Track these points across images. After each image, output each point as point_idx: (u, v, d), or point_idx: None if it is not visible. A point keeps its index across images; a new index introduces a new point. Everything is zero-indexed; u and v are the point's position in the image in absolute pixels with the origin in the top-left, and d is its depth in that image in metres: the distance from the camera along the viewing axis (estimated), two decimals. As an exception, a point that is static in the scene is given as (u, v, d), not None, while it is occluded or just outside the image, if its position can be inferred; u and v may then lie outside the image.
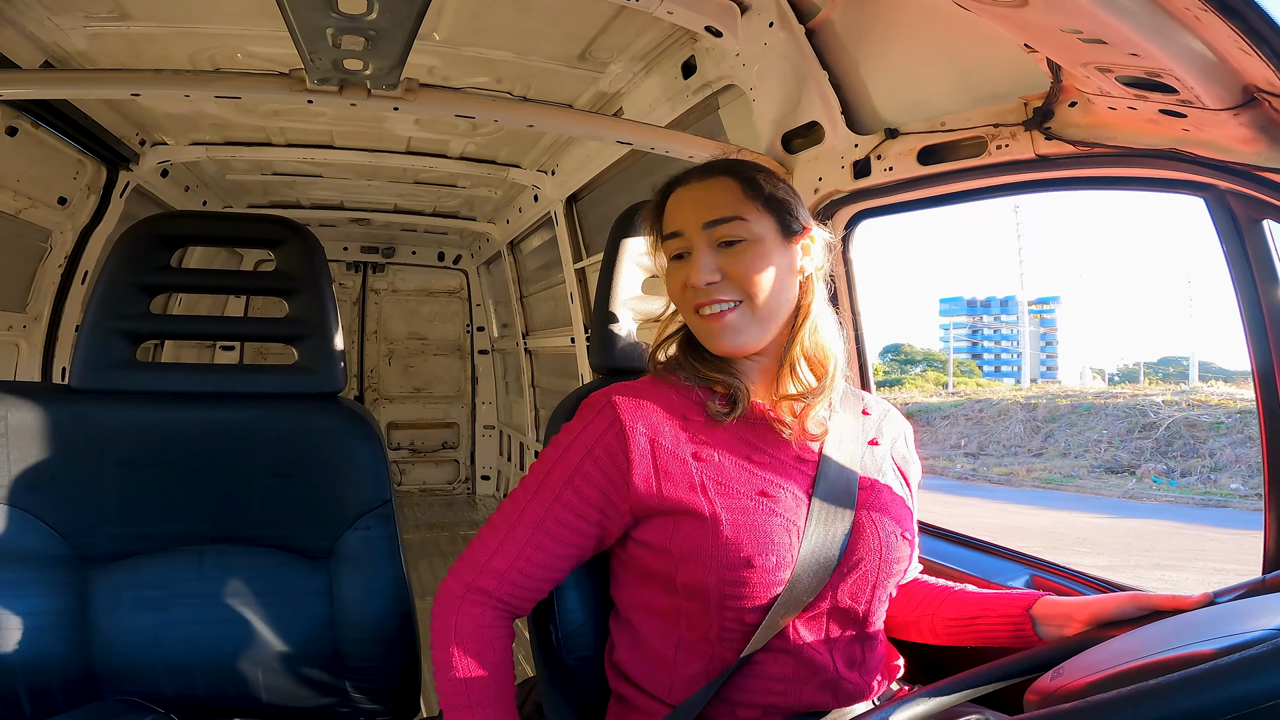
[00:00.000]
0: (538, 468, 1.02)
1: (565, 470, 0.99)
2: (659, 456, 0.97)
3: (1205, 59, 0.88)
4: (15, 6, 1.90)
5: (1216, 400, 18.61)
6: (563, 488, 0.99)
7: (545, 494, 1.00)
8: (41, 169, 2.59)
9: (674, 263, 1.05)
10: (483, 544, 1.01)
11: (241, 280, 1.47)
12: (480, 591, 0.99)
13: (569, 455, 1.00)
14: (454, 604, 1.00)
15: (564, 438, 1.02)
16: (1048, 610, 1.01)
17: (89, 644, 1.13)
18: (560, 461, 1.00)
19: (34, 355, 2.90)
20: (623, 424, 0.98)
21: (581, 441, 1.00)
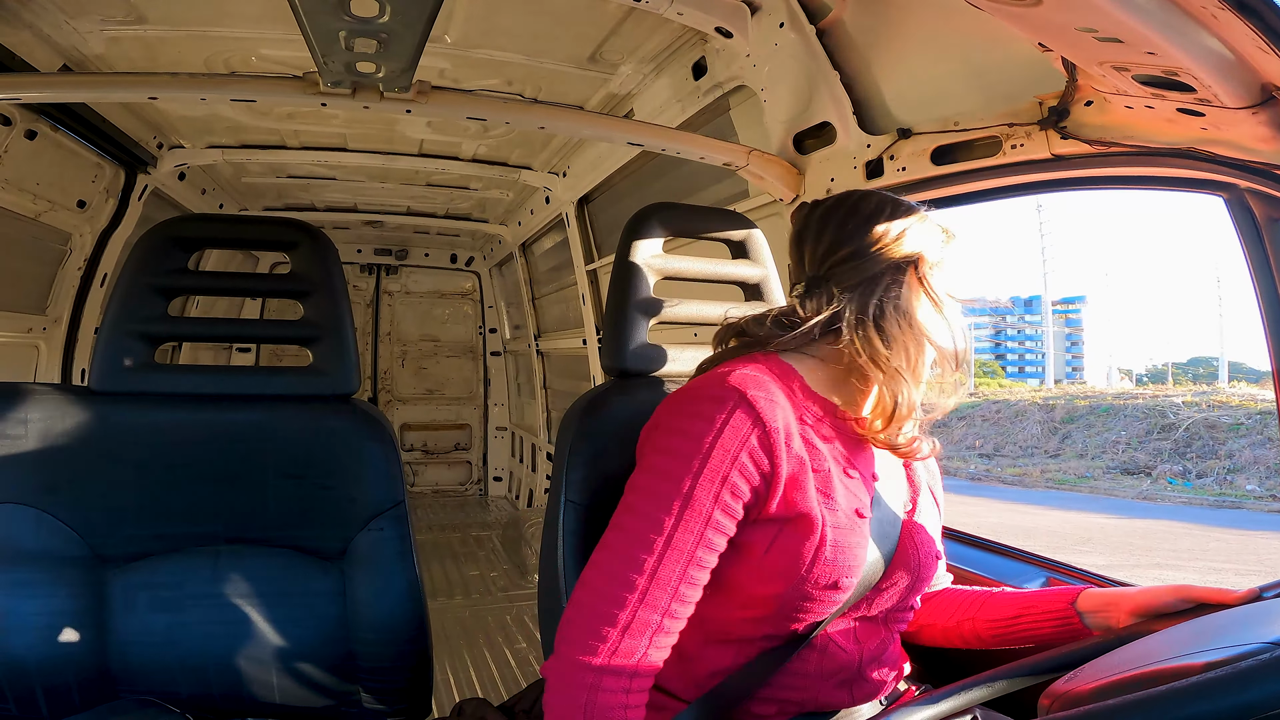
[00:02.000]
0: (666, 488, 0.85)
1: (711, 486, 0.84)
2: (792, 460, 0.87)
3: (1223, 57, 0.87)
4: (32, 10, 1.93)
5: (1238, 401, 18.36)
6: (713, 509, 0.85)
7: (692, 521, 0.84)
8: (60, 172, 2.63)
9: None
10: (612, 603, 0.84)
11: (257, 283, 1.48)
12: (617, 675, 0.84)
13: (711, 467, 0.85)
14: (581, 694, 0.83)
15: (692, 445, 0.86)
16: (1093, 602, 1.00)
17: (105, 643, 1.15)
18: (702, 477, 0.84)
19: (54, 357, 2.94)
20: (765, 425, 0.86)
21: (723, 449, 0.85)
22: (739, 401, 0.86)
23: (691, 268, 1.31)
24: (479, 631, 3.40)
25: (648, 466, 0.89)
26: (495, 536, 5.03)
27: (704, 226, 1.34)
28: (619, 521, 0.88)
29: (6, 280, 2.67)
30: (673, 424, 0.89)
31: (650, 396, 1.21)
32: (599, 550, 0.88)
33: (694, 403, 0.89)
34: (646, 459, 0.91)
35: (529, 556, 4.24)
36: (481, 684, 2.87)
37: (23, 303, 2.81)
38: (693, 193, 2.78)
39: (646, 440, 0.93)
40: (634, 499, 0.88)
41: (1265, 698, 0.53)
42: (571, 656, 0.84)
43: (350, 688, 1.24)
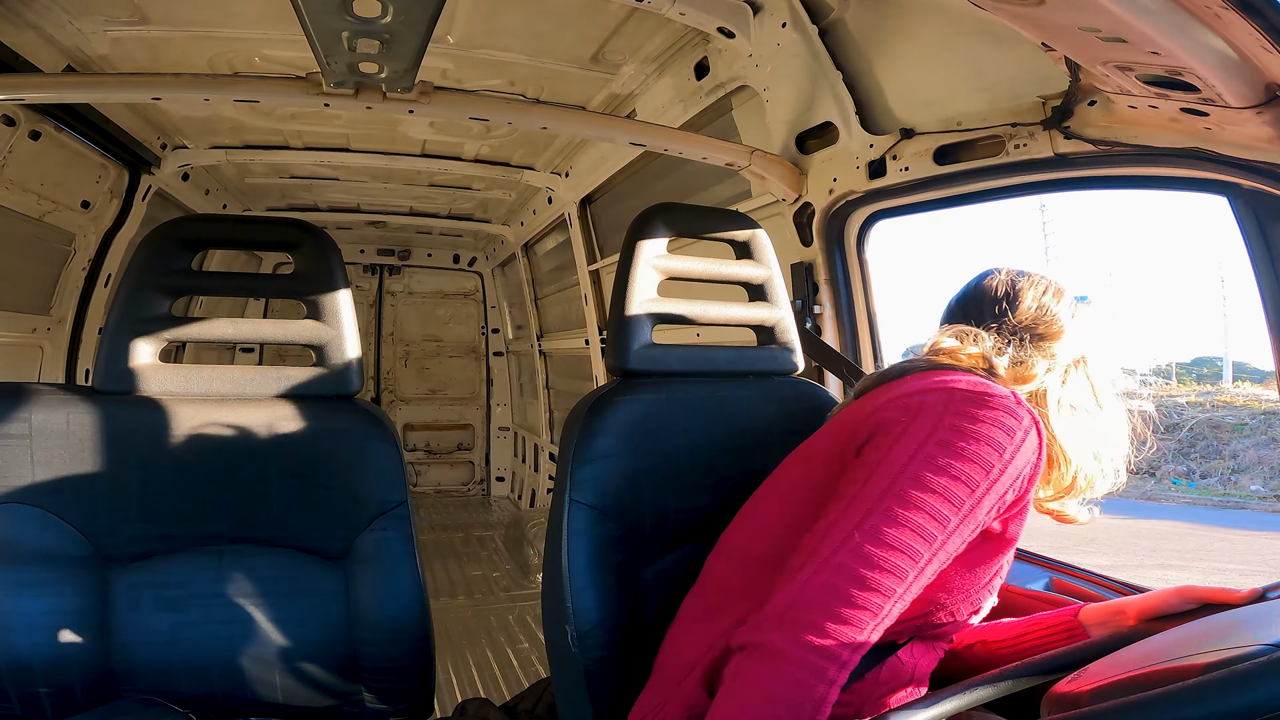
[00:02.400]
0: (960, 490, 0.83)
1: (995, 498, 0.85)
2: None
3: (1227, 57, 0.87)
4: (36, 11, 1.94)
5: (1242, 401, 18.29)
6: (985, 518, 0.85)
7: (966, 529, 0.84)
8: (65, 173, 2.64)
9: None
10: (878, 592, 0.82)
11: (260, 283, 1.48)
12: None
13: (1003, 479, 0.85)
14: (819, 687, 0.79)
15: (994, 454, 0.84)
16: (1097, 614, 1.02)
17: (109, 643, 1.15)
18: (993, 487, 0.84)
19: (58, 357, 2.95)
20: (1040, 451, 0.87)
21: (1016, 466, 0.85)
22: (1034, 423, 0.86)
23: (695, 268, 1.31)
24: (481, 631, 3.40)
25: (938, 464, 0.84)
26: (498, 536, 5.04)
27: (708, 227, 1.34)
28: (896, 511, 0.83)
29: (11, 281, 2.68)
30: (970, 427, 0.86)
31: (654, 396, 1.21)
32: (864, 535, 0.83)
33: (993, 411, 0.86)
34: (932, 453, 0.85)
35: (531, 556, 4.24)
36: (484, 684, 2.87)
37: (27, 303, 2.81)
38: (695, 193, 2.78)
39: (910, 431, 0.88)
40: (920, 492, 0.84)
41: (1267, 699, 0.53)
42: (811, 641, 0.79)
43: (353, 687, 1.24)
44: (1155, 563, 9.51)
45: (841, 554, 0.82)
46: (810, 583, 0.82)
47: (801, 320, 1.95)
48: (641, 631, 1.15)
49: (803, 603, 0.81)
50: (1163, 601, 0.94)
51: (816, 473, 0.96)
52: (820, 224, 1.93)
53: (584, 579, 1.08)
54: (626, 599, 1.13)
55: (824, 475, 0.94)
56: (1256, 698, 0.54)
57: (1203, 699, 0.55)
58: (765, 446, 1.28)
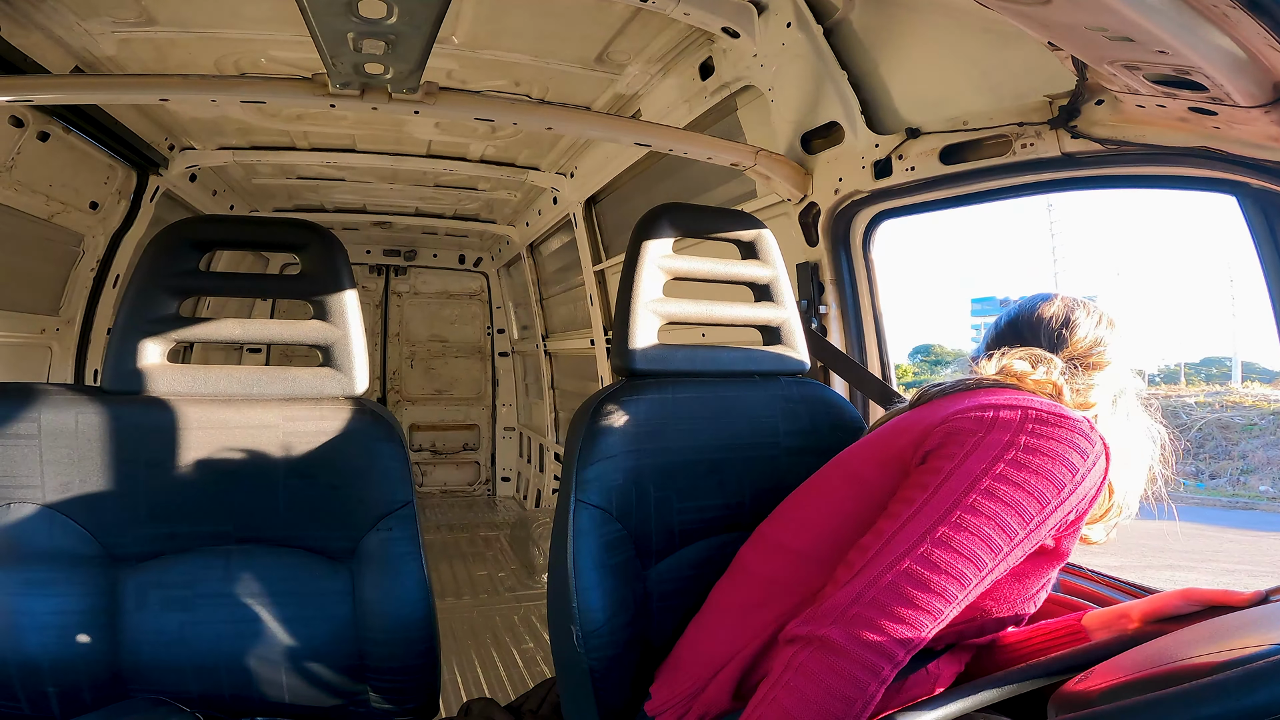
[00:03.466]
0: (1029, 508, 0.85)
1: (1060, 516, 0.87)
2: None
3: (1235, 56, 0.87)
4: (44, 12, 1.95)
5: (1251, 401, 18.19)
6: (1048, 534, 0.88)
7: (1030, 542, 0.86)
8: (73, 174, 2.65)
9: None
10: (940, 596, 0.83)
11: (268, 283, 1.48)
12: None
13: (1071, 500, 0.87)
14: (872, 684, 0.81)
15: (1067, 475, 0.86)
16: (1101, 620, 1.03)
17: (117, 643, 1.15)
18: (1060, 506, 0.86)
19: (67, 358, 2.97)
20: (1105, 476, 0.90)
21: (1085, 488, 0.88)
22: (1105, 448, 0.89)
23: (701, 268, 1.31)
24: (487, 631, 3.41)
25: (1010, 479, 0.86)
26: (503, 536, 5.04)
27: (713, 227, 1.34)
28: (965, 520, 0.84)
29: (20, 281, 2.69)
30: (1047, 445, 0.87)
31: (660, 396, 1.21)
32: (932, 542, 0.84)
33: (1069, 433, 0.88)
34: (1006, 469, 0.86)
35: (537, 556, 4.25)
36: (489, 684, 2.88)
37: (36, 304, 2.83)
38: (700, 193, 2.78)
39: (983, 445, 0.89)
40: (990, 503, 0.85)
41: (1274, 699, 0.53)
42: (868, 638, 0.81)
43: (359, 687, 1.24)
44: (1163, 563, 9.46)
45: (909, 558, 0.84)
46: (876, 583, 0.84)
47: (807, 320, 1.95)
48: (647, 631, 1.15)
49: (865, 601, 0.83)
50: (1166, 604, 0.95)
51: (872, 474, 0.98)
52: (826, 224, 1.92)
53: (589, 579, 1.09)
54: (632, 599, 1.13)
55: (881, 477, 0.96)
56: (1271, 696, 0.53)
57: (1216, 697, 0.55)
58: (771, 446, 1.28)
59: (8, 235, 2.52)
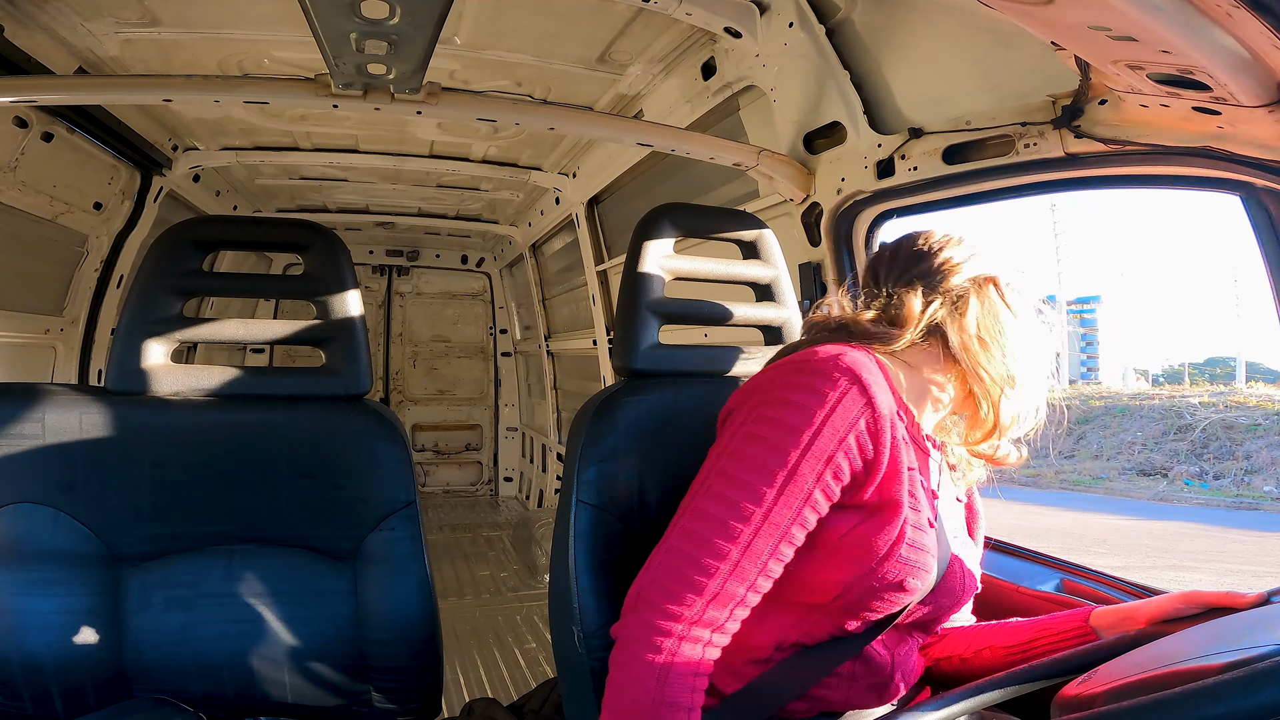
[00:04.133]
0: (770, 459, 0.83)
1: (816, 465, 0.83)
2: (895, 448, 0.87)
3: (1238, 56, 0.86)
4: (48, 13, 1.95)
5: (1255, 402, 18.13)
6: (814, 487, 0.83)
7: (793, 497, 0.83)
8: (77, 175, 2.66)
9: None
10: (699, 570, 0.83)
11: (271, 284, 1.49)
12: (701, 627, 0.84)
13: (819, 444, 0.83)
14: (658, 657, 0.82)
15: (801, 418, 0.83)
16: (1108, 619, 1.01)
17: (120, 642, 1.16)
18: (809, 453, 0.83)
19: (71, 358, 2.97)
20: (875, 409, 0.84)
21: (833, 428, 0.83)
22: (853, 381, 0.84)
23: (702, 268, 1.31)
24: (489, 631, 3.41)
25: (750, 434, 0.86)
26: (506, 537, 5.05)
27: (715, 227, 1.34)
28: (714, 487, 0.86)
29: (25, 282, 2.70)
30: (781, 395, 0.86)
31: (661, 397, 1.21)
32: (689, 516, 0.86)
33: (806, 375, 0.86)
34: (747, 426, 0.87)
35: (539, 557, 4.25)
36: (491, 684, 2.88)
37: (40, 304, 2.84)
38: (702, 193, 2.78)
39: (743, 407, 0.90)
40: (733, 466, 0.85)
41: (1278, 700, 0.53)
42: (651, 620, 0.84)
43: (361, 687, 1.24)
44: (1167, 564, 9.44)
45: (673, 536, 0.87)
46: (650, 565, 0.87)
47: (809, 321, 1.94)
48: (649, 632, 1.15)
49: (646, 584, 0.86)
50: (1170, 606, 0.94)
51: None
52: (828, 224, 1.92)
53: (590, 579, 1.08)
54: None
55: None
56: (1275, 697, 0.53)
57: (1220, 698, 0.54)
58: (773, 447, 1.28)
59: (12, 236, 2.53)
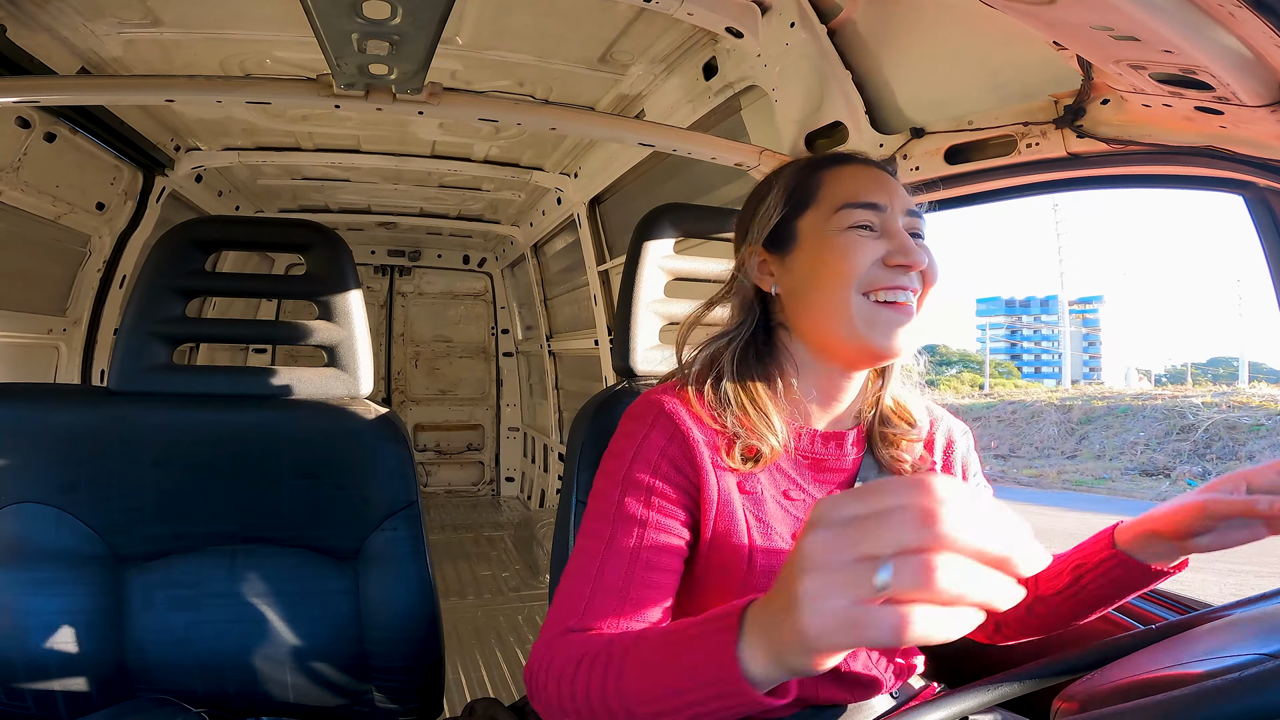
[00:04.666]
0: (601, 507, 0.88)
1: (638, 497, 0.87)
2: (718, 474, 0.89)
3: (1241, 55, 0.86)
4: (50, 13, 1.96)
5: (1258, 402, 18.11)
6: (646, 514, 0.87)
7: (624, 529, 0.86)
8: (80, 175, 2.67)
9: (852, 233, 0.90)
10: (574, 599, 0.84)
11: (273, 284, 1.49)
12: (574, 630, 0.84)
13: (632, 479, 0.88)
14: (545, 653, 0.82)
15: (616, 465, 0.90)
16: (1131, 533, 0.93)
17: (123, 642, 1.16)
18: (626, 491, 0.88)
19: (74, 358, 2.98)
20: (683, 433, 0.89)
21: (644, 458, 0.89)
22: (659, 415, 0.91)
23: (703, 268, 1.31)
24: (491, 631, 3.42)
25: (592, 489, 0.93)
26: (507, 537, 5.05)
27: (715, 227, 1.34)
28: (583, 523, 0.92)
29: (28, 282, 2.71)
30: (610, 451, 0.93)
31: (661, 397, 1.21)
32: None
33: (625, 424, 0.93)
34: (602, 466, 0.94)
35: (541, 557, 4.25)
36: (493, 684, 2.88)
37: (43, 304, 2.84)
38: (704, 193, 2.78)
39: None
40: (591, 504, 0.92)
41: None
42: (547, 634, 0.85)
43: (363, 687, 1.24)
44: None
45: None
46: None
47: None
48: (650, 632, 1.15)
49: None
50: (1187, 518, 0.86)
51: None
52: (830, 224, 1.92)
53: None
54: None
55: None
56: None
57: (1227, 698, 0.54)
58: (774, 447, 1.28)
59: (15, 236, 2.54)
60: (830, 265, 0.90)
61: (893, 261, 0.88)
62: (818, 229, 0.92)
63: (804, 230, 0.94)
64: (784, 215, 0.95)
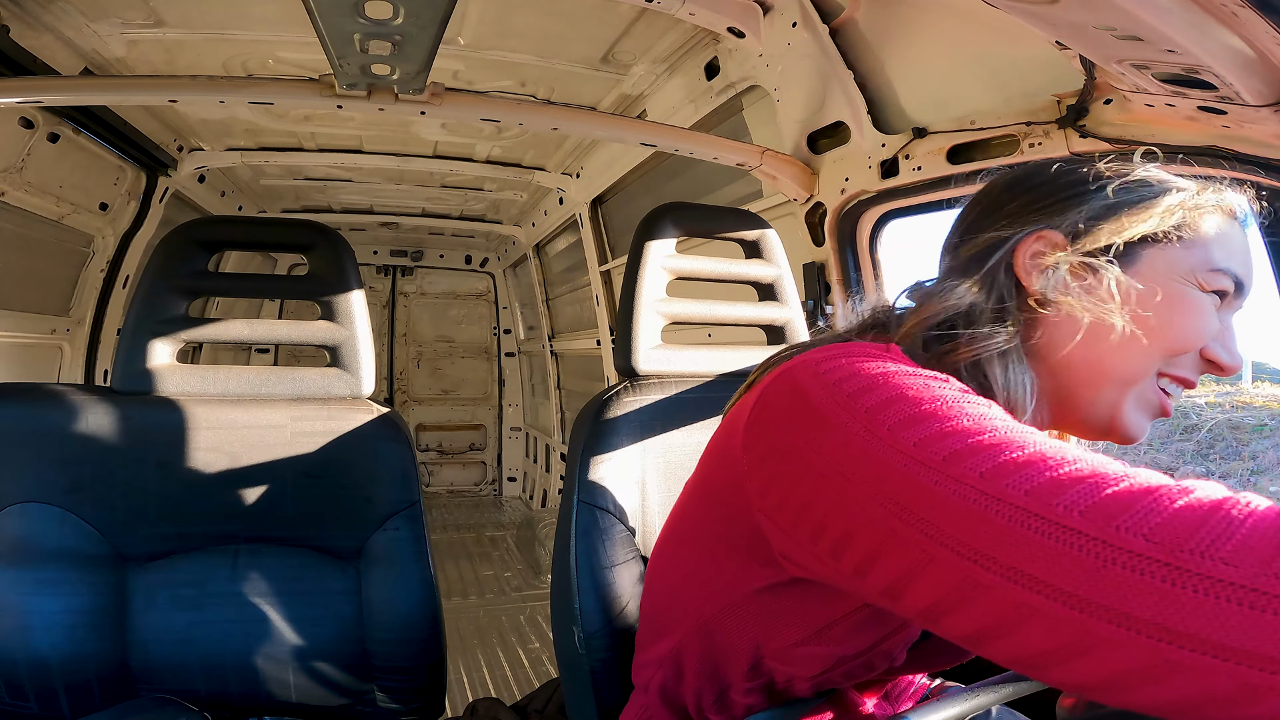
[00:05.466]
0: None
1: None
2: None
3: (1244, 55, 0.86)
4: (54, 14, 1.96)
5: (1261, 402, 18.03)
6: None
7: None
8: (84, 175, 2.67)
9: (1210, 301, 0.70)
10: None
11: (276, 284, 1.49)
12: None
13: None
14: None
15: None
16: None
17: (126, 642, 1.16)
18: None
19: (77, 358, 2.99)
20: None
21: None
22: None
23: (705, 268, 1.31)
24: (493, 631, 3.42)
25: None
26: (509, 536, 5.05)
27: (717, 227, 1.34)
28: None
29: (31, 282, 2.71)
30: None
31: (663, 397, 1.21)
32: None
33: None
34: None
35: (543, 557, 4.26)
36: (495, 684, 2.88)
37: (47, 304, 2.85)
38: (706, 193, 2.78)
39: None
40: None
41: None
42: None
43: (365, 687, 1.24)
44: (1173, 565, 9.41)
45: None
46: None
47: (813, 321, 1.95)
48: (651, 633, 1.15)
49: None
50: None
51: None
52: (832, 224, 1.92)
53: (591, 580, 1.08)
54: (634, 601, 1.13)
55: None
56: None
57: None
58: (776, 447, 1.28)
59: (19, 236, 2.54)
60: (1165, 320, 0.69)
61: (1211, 355, 0.71)
62: (1171, 271, 0.70)
63: (1151, 261, 0.70)
64: (1146, 231, 0.70)
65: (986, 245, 0.74)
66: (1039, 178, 0.76)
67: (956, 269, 0.76)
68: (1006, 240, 0.73)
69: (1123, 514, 0.46)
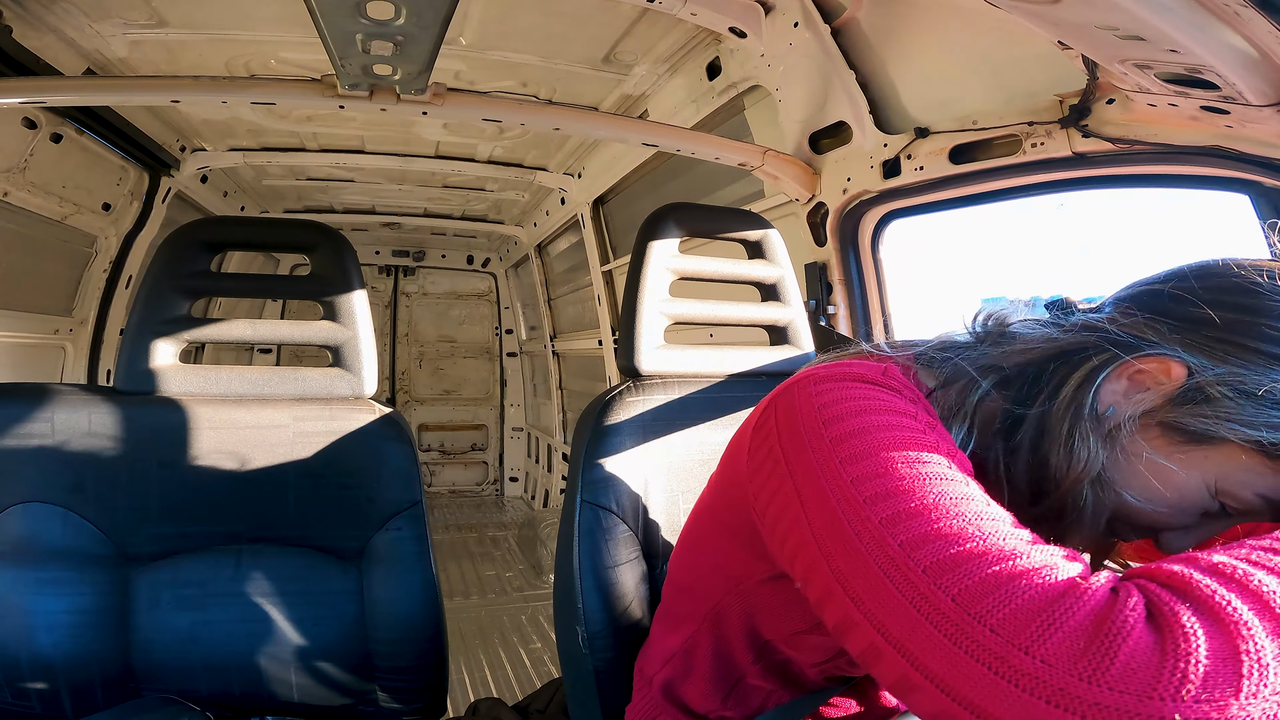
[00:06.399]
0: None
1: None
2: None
3: (1246, 55, 0.86)
4: (56, 14, 1.97)
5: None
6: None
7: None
8: (86, 176, 2.68)
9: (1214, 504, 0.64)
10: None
11: (278, 284, 1.49)
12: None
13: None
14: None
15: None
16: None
17: (129, 642, 1.16)
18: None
19: (80, 358, 2.99)
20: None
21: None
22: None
23: (707, 268, 1.31)
24: (494, 631, 3.42)
25: None
26: (511, 536, 5.05)
27: (720, 227, 1.34)
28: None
29: (34, 282, 2.72)
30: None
31: (666, 397, 1.21)
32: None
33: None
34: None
35: (544, 557, 4.25)
36: (496, 684, 2.88)
37: (50, 304, 2.86)
38: (708, 193, 2.78)
39: None
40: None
41: None
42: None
43: (367, 686, 1.25)
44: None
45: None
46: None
47: (815, 321, 1.95)
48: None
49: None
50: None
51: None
52: (834, 224, 1.92)
53: (594, 580, 1.09)
54: (638, 600, 1.13)
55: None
56: None
57: None
58: (778, 447, 1.28)
59: (22, 236, 2.55)
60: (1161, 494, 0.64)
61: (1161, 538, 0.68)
62: (1221, 471, 0.62)
63: (1218, 457, 0.62)
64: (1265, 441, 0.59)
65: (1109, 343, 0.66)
66: (1248, 301, 0.63)
67: (1075, 328, 0.70)
68: (1128, 353, 0.65)
69: (982, 600, 0.48)
